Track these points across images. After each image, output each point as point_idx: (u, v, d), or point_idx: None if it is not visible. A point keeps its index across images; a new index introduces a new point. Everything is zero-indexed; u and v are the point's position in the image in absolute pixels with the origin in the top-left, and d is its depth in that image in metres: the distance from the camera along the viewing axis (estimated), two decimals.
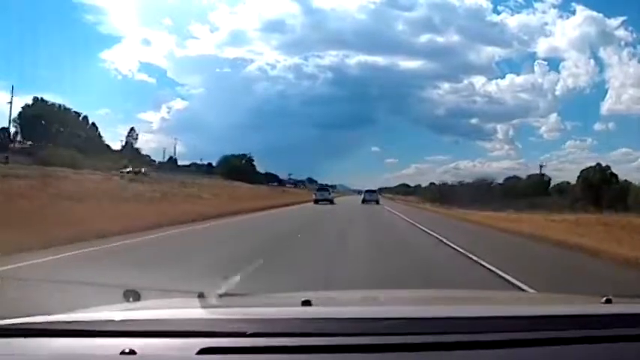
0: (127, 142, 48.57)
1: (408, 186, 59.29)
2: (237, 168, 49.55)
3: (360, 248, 11.10)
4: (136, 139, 49.47)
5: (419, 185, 56.60)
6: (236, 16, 53.44)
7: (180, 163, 51.04)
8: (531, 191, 40.06)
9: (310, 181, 57.74)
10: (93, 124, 44.59)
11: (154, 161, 47.77)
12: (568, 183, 42.87)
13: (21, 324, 1.38)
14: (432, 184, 52.54)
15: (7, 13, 36.71)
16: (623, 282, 7.84)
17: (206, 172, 49.23)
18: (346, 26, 47.72)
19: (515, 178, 46.32)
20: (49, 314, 1.44)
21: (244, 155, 52.73)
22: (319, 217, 21.77)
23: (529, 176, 45.81)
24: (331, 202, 35.28)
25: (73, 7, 52.11)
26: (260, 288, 4.62)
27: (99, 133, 44.74)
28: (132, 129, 49.24)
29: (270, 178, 55.62)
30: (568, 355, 1.29)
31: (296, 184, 59.19)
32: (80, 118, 43.41)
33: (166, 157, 50.61)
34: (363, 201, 36.42)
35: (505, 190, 42.38)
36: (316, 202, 34.48)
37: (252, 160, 53.11)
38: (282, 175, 57.82)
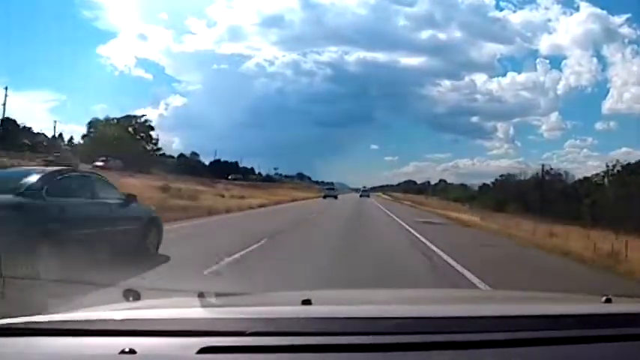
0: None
1: (414, 183, 56.00)
2: (109, 141, 29.29)
3: None
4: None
5: (428, 182, 53.93)
6: (233, 11, 52.99)
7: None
8: None
9: (300, 176, 55.50)
10: None
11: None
12: None
13: (21, 323, 1.38)
14: (441, 180, 49.57)
15: (3, 8, 35.95)
16: None
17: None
18: (346, 22, 47.32)
19: (629, 170, 29.78)
20: (49, 314, 1.44)
21: (132, 117, 32.91)
22: None
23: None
24: (335, 197, 44.12)
25: (71, 3, 51.08)
26: None
27: None
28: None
29: (215, 169, 40.94)
30: (568, 355, 1.30)
31: (273, 178, 50.53)
32: None
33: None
34: (360, 196, 50.39)
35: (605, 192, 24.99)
36: (325, 197, 43.93)
37: (151, 128, 32.80)
38: (265, 170, 51.17)
